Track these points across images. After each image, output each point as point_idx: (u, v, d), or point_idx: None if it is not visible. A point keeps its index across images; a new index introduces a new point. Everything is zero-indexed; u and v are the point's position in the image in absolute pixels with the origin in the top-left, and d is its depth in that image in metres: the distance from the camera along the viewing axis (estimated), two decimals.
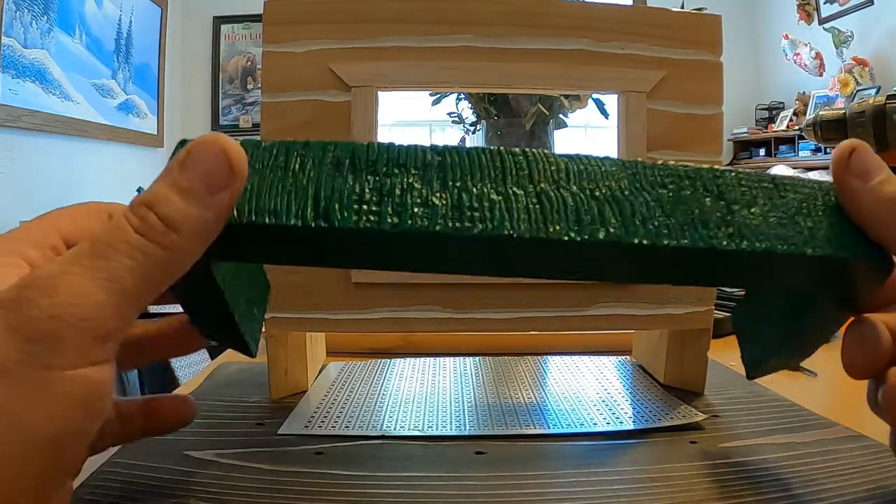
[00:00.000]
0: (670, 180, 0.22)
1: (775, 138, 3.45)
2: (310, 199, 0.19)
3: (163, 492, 0.24)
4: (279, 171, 0.20)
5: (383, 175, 0.20)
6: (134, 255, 0.16)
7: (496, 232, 0.19)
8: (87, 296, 0.16)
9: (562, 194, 0.21)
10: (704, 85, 0.35)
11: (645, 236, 0.20)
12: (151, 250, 0.17)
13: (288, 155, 0.21)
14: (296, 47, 0.33)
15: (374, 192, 0.20)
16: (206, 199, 0.17)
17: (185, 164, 0.17)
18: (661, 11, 0.35)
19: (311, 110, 0.34)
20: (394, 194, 0.20)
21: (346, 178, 0.20)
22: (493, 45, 0.34)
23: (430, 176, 0.20)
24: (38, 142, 2.11)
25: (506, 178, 0.21)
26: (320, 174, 0.20)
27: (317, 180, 0.20)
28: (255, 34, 3.30)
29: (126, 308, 0.16)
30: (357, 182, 0.20)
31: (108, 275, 0.16)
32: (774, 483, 0.25)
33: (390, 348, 0.48)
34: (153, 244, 0.17)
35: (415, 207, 0.20)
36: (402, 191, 0.20)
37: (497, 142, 0.71)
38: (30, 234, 0.20)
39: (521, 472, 0.26)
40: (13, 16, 1.96)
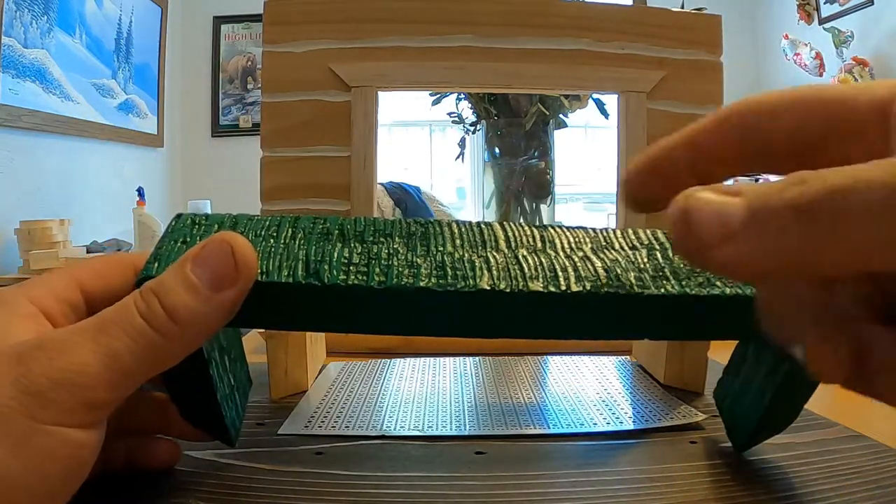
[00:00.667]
0: (639, 244, 0.24)
1: None
2: (300, 261, 0.21)
3: (163, 492, 0.24)
4: (271, 239, 0.22)
5: (370, 243, 0.22)
6: (135, 337, 0.18)
7: (478, 286, 0.21)
8: (85, 365, 0.17)
9: (539, 258, 0.22)
10: (704, 85, 0.35)
11: (620, 287, 0.21)
12: (152, 336, 0.18)
13: (280, 226, 0.22)
14: (296, 47, 0.33)
15: (362, 255, 0.21)
16: (209, 296, 0.18)
17: (195, 260, 0.19)
18: (660, 11, 0.35)
19: (311, 110, 0.34)
20: (380, 257, 0.21)
21: (335, 245, 0.22)
22: (493, 45, 0.34)
23: (413, 243, 0.22)
24: (38, 142, 2.11)
25: (485, 245, 0.23)
26: (310, 242, 0.22)
27: (307, 247, 0.22)
28: (255, 34, 3.30)
29: (120, 383, 0.18)
30: (346, 248, 0.22)
31: (108, 350, 0.18)
32: (774, 483, 0.25)
33: (390, 348, 0.48)
34: (154, 331, 0.18)
35: (400, 268, 0.21)
36: (388, 255, 0.22)
37: (497, 142, 0.71)
38: (51, 287, 0.21)
39: (521, 472, 0.26)
40: (13, 16, 1.96)
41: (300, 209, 0.34)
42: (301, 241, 0.22)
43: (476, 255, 0.22)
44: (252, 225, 0.22)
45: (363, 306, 0.21)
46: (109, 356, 0.17)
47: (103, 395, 0.18)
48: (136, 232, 1.75)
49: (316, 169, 0.34)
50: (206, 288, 0.18)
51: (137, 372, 0.18)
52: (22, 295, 0.20)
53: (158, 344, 0.18)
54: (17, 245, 1.69)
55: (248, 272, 0.19)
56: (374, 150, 0.34)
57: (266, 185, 0.34)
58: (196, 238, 0.22)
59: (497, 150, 0.71)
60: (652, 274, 0.22)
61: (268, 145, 0.34)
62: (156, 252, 0.21)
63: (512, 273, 0.21)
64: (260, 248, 0.21)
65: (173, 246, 0.22)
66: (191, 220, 0.23)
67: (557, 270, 0.22)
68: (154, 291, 0.18)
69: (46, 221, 1.69)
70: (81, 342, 0.18)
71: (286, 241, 0.22)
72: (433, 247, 0.22)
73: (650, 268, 0.22)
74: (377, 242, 0.22)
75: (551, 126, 0.69)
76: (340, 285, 0.20)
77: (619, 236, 0.24)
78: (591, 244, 0.23)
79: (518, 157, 0.69)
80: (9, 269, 1.77)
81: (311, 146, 0.34)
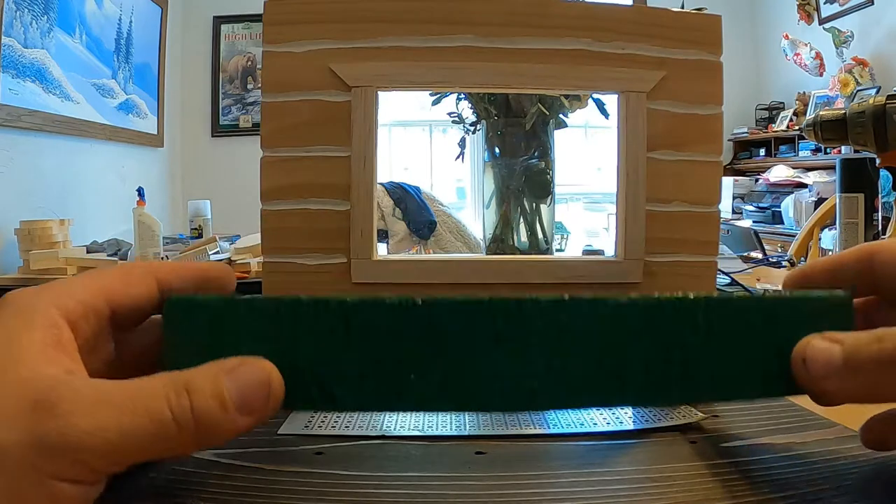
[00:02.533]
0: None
1: (775, 138, 3.45)
2: (314, 386, 0.22)
3: (163, 492, 0.24)
4: (275, 341, 0.22)
5: (375, 342, 0.23)
6: (157, 424, 0.18)
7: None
8: (98, 434, 0.18)
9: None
10: (704, 85, 0.35)
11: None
12: (172, 429, 0.19)
13: (281, 323, 0.22)
14: (296, 47, 0.33)
15: (372, 364, 0.22)
16: (235, 416, 0.19)
17: (234, 374, 0.20)
18: (661, 11, 0.35)
19: (310, 110, 0.34)
20: (388, 366, 0.22)
21: (342, 350, 0.22)
22: (493, 45, 0.34)
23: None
24: (38, 142, 2.11)
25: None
26: (318, 348, 0.22)
27: (315, 356, 0.22)
28: (255, 34, 3.30)
29: (130, 457, 0.19)
30: (353, 352, 0.22)
31: (128, 427, 0.18)
32: (774, 483, 0.25)
33: None
34: (177, 425, 0.19)
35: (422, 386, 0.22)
36: (397, 363, 0.22)
37: (497, 142, 0.71)
38: (77, 291, 0.22)
39: (521, 472, 0.26)
40: (13, 16, 1.96)
41: (300, 209, 0.34)
42: (307, 345, 0.22)
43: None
44: (251, 319, 0.22)
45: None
46: (127, 433, 0.18)
47: (110, 465, 0.18)
48: (136, 232, 1.74)
49: (316, 169, 0.34)
50: (234, 407, 0.19)
51: (149, 452, 0.19)
52: (47, 299, 0.21)
53: (176, 437, 0.19)
54: (17, 245, 1.69)
55: (275, 406, 0.20)
56: (374, 150, 0.34)
57: (266, 185, 0.34)
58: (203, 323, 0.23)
59: (497, 150, 0.71)
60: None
61: (268, 145, 0.34)
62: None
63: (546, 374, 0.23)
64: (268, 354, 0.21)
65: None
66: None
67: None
68: (186, 388, 0.19)
69: (46, 221, 1.69)
70: (104, 408, 0.18)
71: (291, 345, 0.21)
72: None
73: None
74: (383, 344, 0.22)
75: (551, 126, 0.69)
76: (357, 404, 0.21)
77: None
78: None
79: (518, 157, 0.69)
80: (9, 269, 1.77)
81: (310, 146, 0.34)
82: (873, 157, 0.71)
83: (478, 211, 3.20)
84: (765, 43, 3.70)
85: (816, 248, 1.18)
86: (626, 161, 0.34)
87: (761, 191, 3.33)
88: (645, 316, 0.23)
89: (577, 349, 0.23)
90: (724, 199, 0.36)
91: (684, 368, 0.23)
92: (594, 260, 0.36)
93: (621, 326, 0.23)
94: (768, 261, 1.22)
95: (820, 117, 0.73)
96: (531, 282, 0.35)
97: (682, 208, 0.35)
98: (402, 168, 3.75)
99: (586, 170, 3.70)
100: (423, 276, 0.34)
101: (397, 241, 2.51)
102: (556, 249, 1.07)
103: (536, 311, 0.22)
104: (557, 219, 0.75)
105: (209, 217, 2.28)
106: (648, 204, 0.35)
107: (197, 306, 0.22)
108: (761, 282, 0.87)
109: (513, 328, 0.22)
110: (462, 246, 2.59)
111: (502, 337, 0.22)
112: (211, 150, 3.30)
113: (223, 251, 1.75)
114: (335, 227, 0.34)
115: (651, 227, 0.35)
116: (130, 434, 0.18)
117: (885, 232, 0.75)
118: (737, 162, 3.75)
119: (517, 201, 0.70)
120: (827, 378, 0.21)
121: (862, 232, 0.74)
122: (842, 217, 0.76)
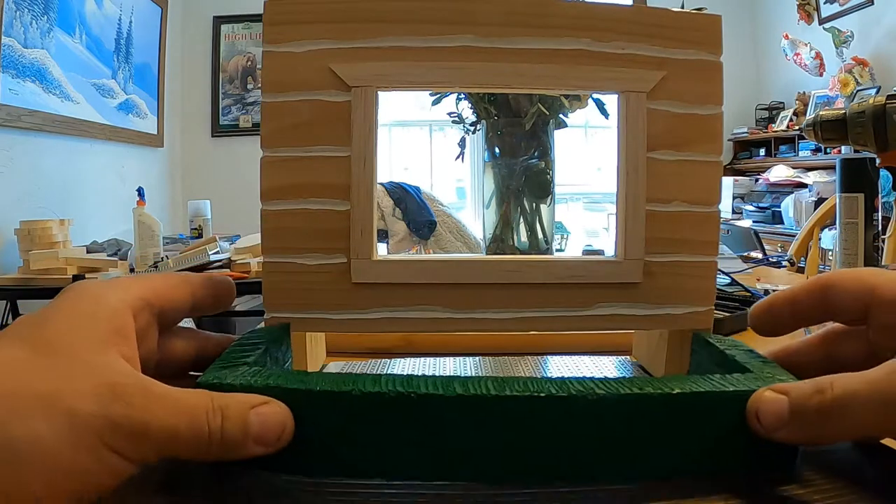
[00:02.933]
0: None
1: (775, 138, 3.45)
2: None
3: (163, 492, 0.24)
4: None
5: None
6: (193, 431, 0.22)
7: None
8: (153, 426, 0.22)
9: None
10: (704, 85, 0.35)
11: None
12: (204, 437, 0.22)
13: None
14: (296, 47, 0.33)
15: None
16: (250, 444, 0.23)
17: (259, 411, 0.24)
18: (661, 11, 0.35)
19: (311, 110, 0.34)
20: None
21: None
22: (493, 45, 0.34)
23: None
24: (38, 142, 2.11)
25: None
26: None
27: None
28: (255, 34, 3.30)
29: (164, 449, 0.22)
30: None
31: (171, 427, 0.22)
32: (775, 482, 0.25)
33: (390, 348, 0.48)
34: (208, 435, 0.22)
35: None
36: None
37: (497, 142, 0.71)
38: (134, 288, 0.27)
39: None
40: (13, 16, 1.96)
41: (300, 209, 0.34)
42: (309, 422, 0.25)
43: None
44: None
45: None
46: (170, 431, 0.22)
47: (152, 452, 0.22)
48: (135, 232, 1.74)
49: (316, 169, 0.34)
50: (252, 438, 0.23)
51: (179, 450, 0.22)
52: (114, 291, 0.25)
53: (204, 446, 0.22)
54: (17, 245, 1.69)
55: (284, 444, 0.24)
56: (374, 150, 0.34)
57: (266, 185, 0.34)
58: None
59: (497, 150, 0.71)
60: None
61: (268, 145, 0.34)
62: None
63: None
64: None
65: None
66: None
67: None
68: (222, 411, 0.23)
69: (46, 221, 1.69)
70: (161, 408, 0.22)
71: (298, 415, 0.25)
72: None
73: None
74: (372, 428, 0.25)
75: (551, 126, 0.69)
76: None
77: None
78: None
79: (518, 157, 0.69)
80: (9, 269, 1.77)
81: (311, 146, 0.34)
82: (873, 157, 0.71)
83: (478, 211, 3.20)
84: (765, 43, 3.70)
85: (816, 248, 1.18)
86: (626, 161, 0.34)
87: (761, 191, 3.33)
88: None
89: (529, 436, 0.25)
90: (724, 199, 0.36)
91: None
92: (594, 260, 0.36)
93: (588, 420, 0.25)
94: (768, 261, 1.22)
95: (820, 117, 0.73)
96: (531, 282, 0.35)
97: (682, 208, 0.35)
98: (402, 168, 3.75)
99: (586, 170, 3.70)
100: (423, 276, 0.34)
101: (397, 241, 2.51)
102: (556, 249, 1.07)
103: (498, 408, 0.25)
104: (557, 219, 0.75)
105: (209, 217, 2.28)
106: (648, 204, 0.35)
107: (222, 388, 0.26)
108: (761, 282, 0.87)
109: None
110: (462, 246, 2.59)
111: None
112: (211, 149, 3.30)
113: (223, 251, 1.75)
114: (335, 227, 0.34)
115: (651, 227, 0.35)
116: (173, 432, 0.22)
117: (885, 232, 0.75)
118: (737, 162, 3.75)
119: (517, 201, 0.70)
120: (778, 430, 0.24)
121: (862, 232, 0.74)
122: (842, 217, 0.76)
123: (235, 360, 0.28)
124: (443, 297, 0.34)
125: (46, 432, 0.20)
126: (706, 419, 0.25)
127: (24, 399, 0.20)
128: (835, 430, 0.23)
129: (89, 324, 0.23)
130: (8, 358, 0.22)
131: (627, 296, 0.35)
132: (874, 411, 0.22)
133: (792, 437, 0.24)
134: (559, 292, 0.35)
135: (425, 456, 0.25)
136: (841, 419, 0.23)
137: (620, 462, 0.25)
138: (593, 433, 0.25)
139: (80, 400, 0.21)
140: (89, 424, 0.21)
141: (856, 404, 0.22)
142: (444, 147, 3.63)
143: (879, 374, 0.23)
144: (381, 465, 0.25)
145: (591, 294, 0.35)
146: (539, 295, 0.35)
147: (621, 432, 0.25)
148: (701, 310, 0.35)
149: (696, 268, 0.35)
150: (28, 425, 0.20)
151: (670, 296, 0.35)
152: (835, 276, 0.29)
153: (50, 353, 0.22)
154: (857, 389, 0.23)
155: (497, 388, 0.25)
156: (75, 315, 0.24)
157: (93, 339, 0.23)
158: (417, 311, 0.34)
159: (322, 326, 0.35)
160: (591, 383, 0.25)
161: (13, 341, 0.22)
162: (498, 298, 0.35)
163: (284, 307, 0.34)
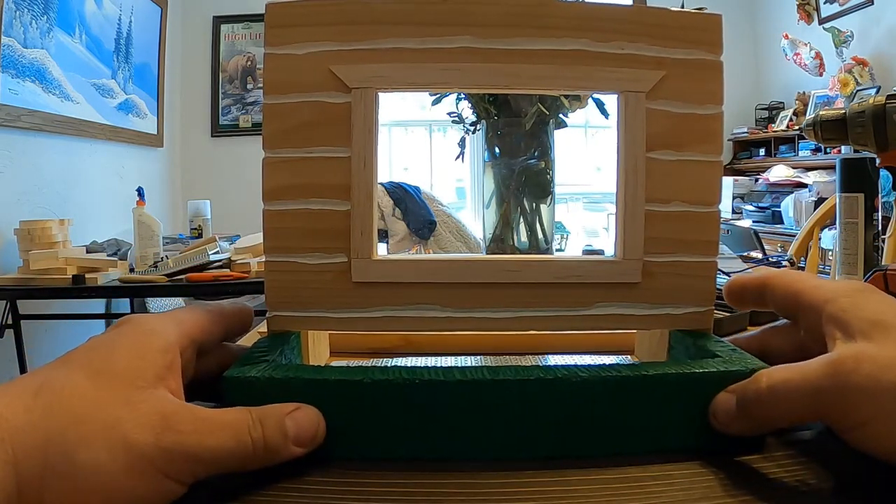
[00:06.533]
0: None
1: (775, 138, 3.45)
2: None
3: None
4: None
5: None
6: (237, 443, 0.24)
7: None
8: (204, 450, 0.24)
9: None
10: (704, 85, 0.35)
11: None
12: (247, 449, 0.24)
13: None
14: (296, 49, 0.34)
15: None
16: (290, 446, 0.26)
17: (293, 416, 0.26)
18: (660, 11, 0.35)
19: (311, 111, 0.34)
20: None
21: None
22: (493, 45, 0.34)
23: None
24: (38, 142, 2.11)
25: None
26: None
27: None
28: (255, 34, 3.30)
29: (215, 468, 0.24)
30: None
31: (220, 446, 0.24)
32: (774, 482, 0.25)
33: (391, 349, 0.48)
34: (251, 447, 0.24)
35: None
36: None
37: (497, 142, 0.71)
38: (182, 324, 0.29)
39: (522, 472, 0.26)
40: (13, 15, 1.96)
41: (301, 209, 0.34)
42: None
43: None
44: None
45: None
46: (220, 450, 0.24)
47: (205, 472, 0.24)
48: (135, 232, 1.74)
49: (317, 169, 0.34)
50: (290, 439, 0.25)
51: (230, 466, 0.24)
52: (165, 326, 0.27)
53: (250, 457, 0.24)
54: (17, 245, 1.69)
55: (319, 441, 0.27)
56: (374, 151, 0.34)
57: (267, 186, 0.34)
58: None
59: (497, 150, 0.71)
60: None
61: (269, 146, 0.34)
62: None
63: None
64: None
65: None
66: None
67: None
68: (261, 420, 0.25)
69: (46, 221, 1.69)
70: (209, 432, 0.24)
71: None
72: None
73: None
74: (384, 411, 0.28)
75: (551, 126, 0.69)
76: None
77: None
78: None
79: (518, 157, 0.69)
80: (8, 269, 1.77)
81: (311, 147, 0.34)
82: (873, 157, 0.71)
83: (478, 211, 3.20)
84: (765, 43, 3.70)
85: (816, 248, 1.18)
86: (625, 161, 0.35)
87: (761, 191, 3.33)
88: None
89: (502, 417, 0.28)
90: (724, 199, 0.36)
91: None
92: (593, 260, 0.36)
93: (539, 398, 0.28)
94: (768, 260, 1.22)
95: (820, 117, 0.73)
96: (531, 281, 0.35)
97: (682, 208, 0.35)
98: (402, 168, 3.75)
99: (586, 170, 3.70)
100: (423, 275, 0.34)
101: (397, 241, 2.51)
102: (556, 249, 1.07)
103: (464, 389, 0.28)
104: (557, 219, 0.75)
105: (209, 217, 2.28)
106: (648, 204, 0.35)
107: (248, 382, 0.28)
108: None
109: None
110: (462, 246, 2.59)
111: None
112: (211, 149, 3.30)
113: (223, 251, 1.75)
114: (336, 226, 0.34)
115: (650, 227, 0.35)
116: (223, 451, 0.24)
117: (885, 231, 0.75)
118: (737, 162, 3.75)
119: (517, 201, 0.70)
120: (730, 425, 0.27)
121: (862, 232, 0.74)
122: (842, 217, 0.76)
123: (256, 358, 0.30)
124: (443, 296, 0.34)
125: (106, 460, 0.22)
126: (680, 398, 0.28)
127: (89, 426, 0.22)
128: (772, 414, 0.26)
129: (146, 357, 0.25)
130: (76, 384, 0.23)
131: (627, 296, 0.35)
132: (807, 397, 0.25)
133: (743, 429, 0.27)
134: (559, 292, 0.35)
135: (429, 435, 0.28)
136: (775, 405, 0.26)
137: (603, 438, 0.28)
138: (579, 412, 0.28)
139: (137, 430, 0.23)
140: (145, 454, 0.22)
141: (788, 391, 0.25)
142: (444, 147, 3.63)
143: (812, 366, 0.25)
144: (389, 444, 0.28)
145: (591, 294, 0.35)
146: (539, 294, 0.35)
147: (603, 411, 0.28)
148: (701, 310, 0.35)
149: (695, 268, 0.35)
150: (92, 453, 0.22)
151: (670, 296, 0.35)
152: (772, 278, 0.32)
153: (111, 384, 0.24)
154: (790, 378, 0.25)
155: (492, 374, 0.28)
156: (134, 348, 0.26)
157: (148, 372, 0.25)
158: (417, 310, 0.34)
159: (323, 325, 0.35)
160: (575, 369, 0.29)
161: (79, 369, 0.24)
162: (498, 298, 0.35)
163: (286, 306, 0.34)
